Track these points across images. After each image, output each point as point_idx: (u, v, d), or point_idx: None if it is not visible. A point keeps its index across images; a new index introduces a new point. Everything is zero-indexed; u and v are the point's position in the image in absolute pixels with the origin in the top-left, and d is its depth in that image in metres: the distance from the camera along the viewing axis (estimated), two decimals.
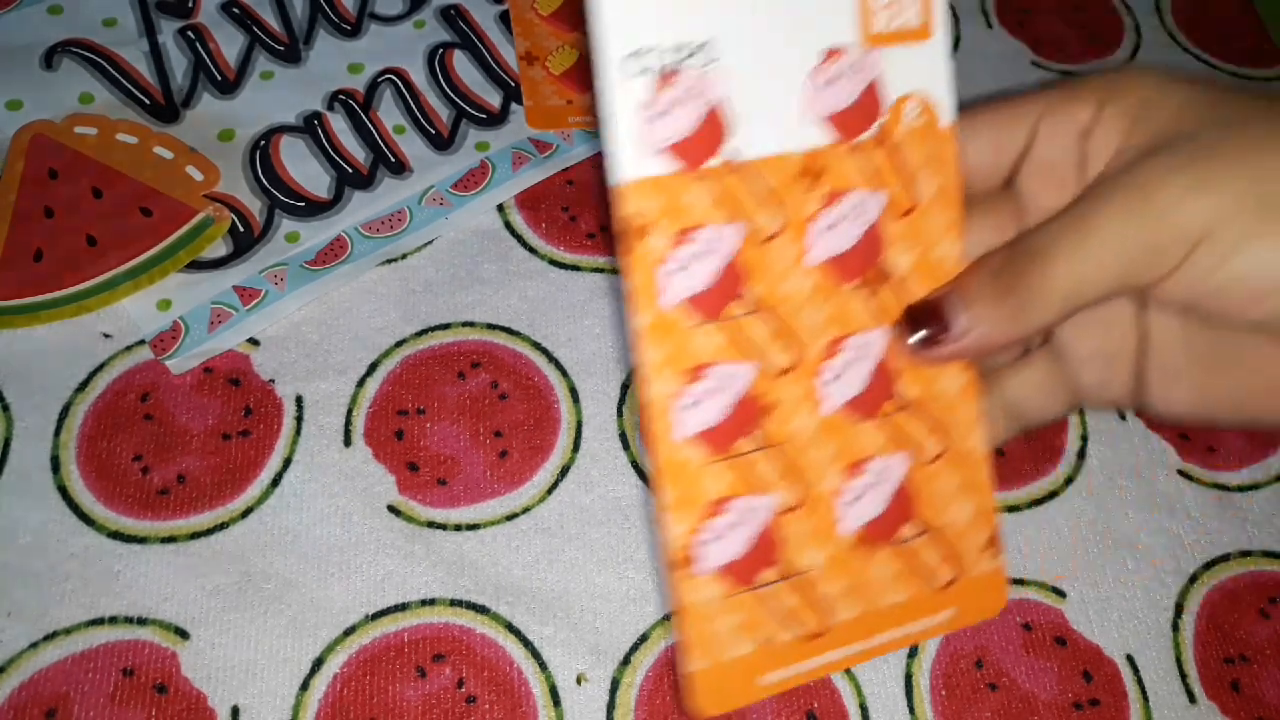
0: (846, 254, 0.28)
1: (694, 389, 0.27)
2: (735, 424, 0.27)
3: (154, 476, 0.37)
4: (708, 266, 0.26)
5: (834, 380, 0.28)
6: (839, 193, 0.27)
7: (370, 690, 0.34)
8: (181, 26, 0.46)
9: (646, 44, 0.25)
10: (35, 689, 0.33)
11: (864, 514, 0.28)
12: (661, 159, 0.26)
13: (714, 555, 0.27)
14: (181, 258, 0.40)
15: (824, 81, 0.27)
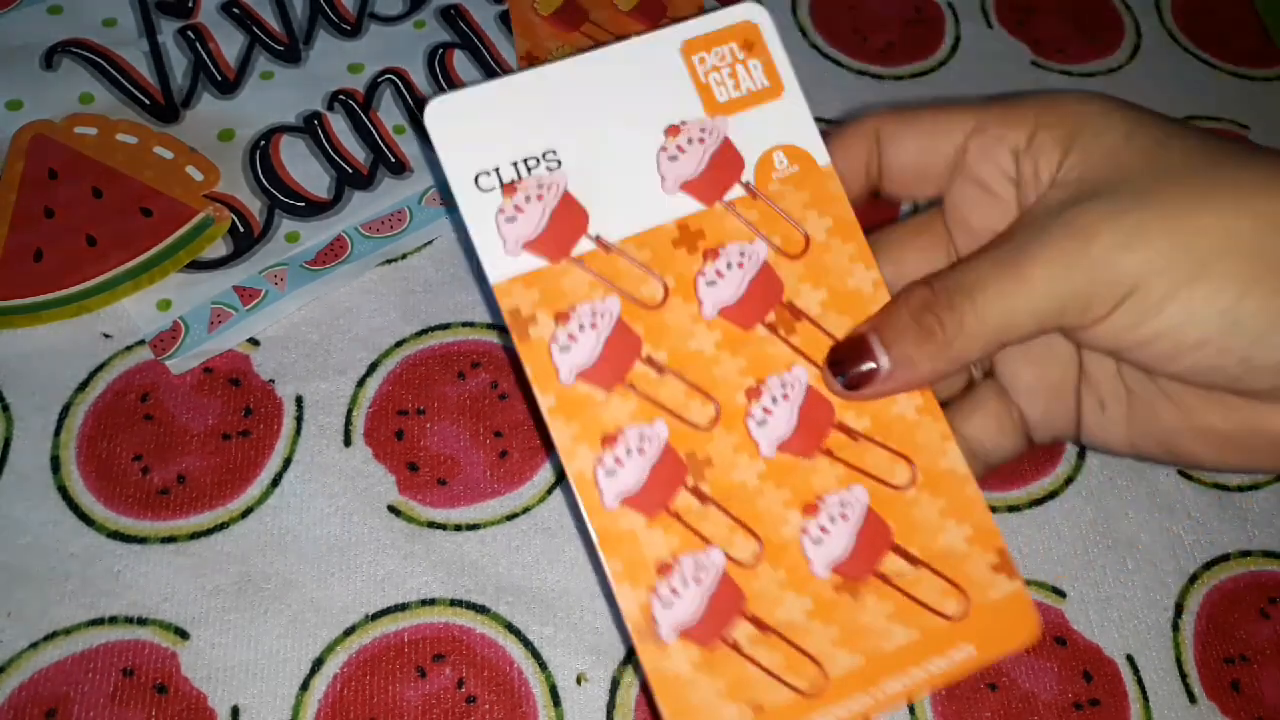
0: (740, 302, 0.29)
1: (610, 454, 0.27)
2: (664, 481, 0.27)
3: (154, 476, 0.37)
4: (593, 337, 0.28)
5: (764, 422, 0.28)
6: (717, 249, 0.29)
7: (370, 690, 0.34)
8: (181, 26, 0.46)
9: (488, 165, 0.28)
10: (35, 689, 0.33)
11: (834, 553, 0.28)
12: (527, 257, 0.28)
13: (672, 617, 0.27)
14: (181, 258, 0.40)
15: (671, 157, 0.29)
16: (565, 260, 0.28)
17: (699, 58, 0.29)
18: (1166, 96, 0.51)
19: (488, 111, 0.28)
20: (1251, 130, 0.50)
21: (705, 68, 0.29)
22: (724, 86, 0.29)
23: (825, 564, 0.28)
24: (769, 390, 0.28)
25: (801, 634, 0.27)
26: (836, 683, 0.27)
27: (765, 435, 0.28)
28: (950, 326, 0.26)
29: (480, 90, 0.28)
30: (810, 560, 0.28)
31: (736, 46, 0.29)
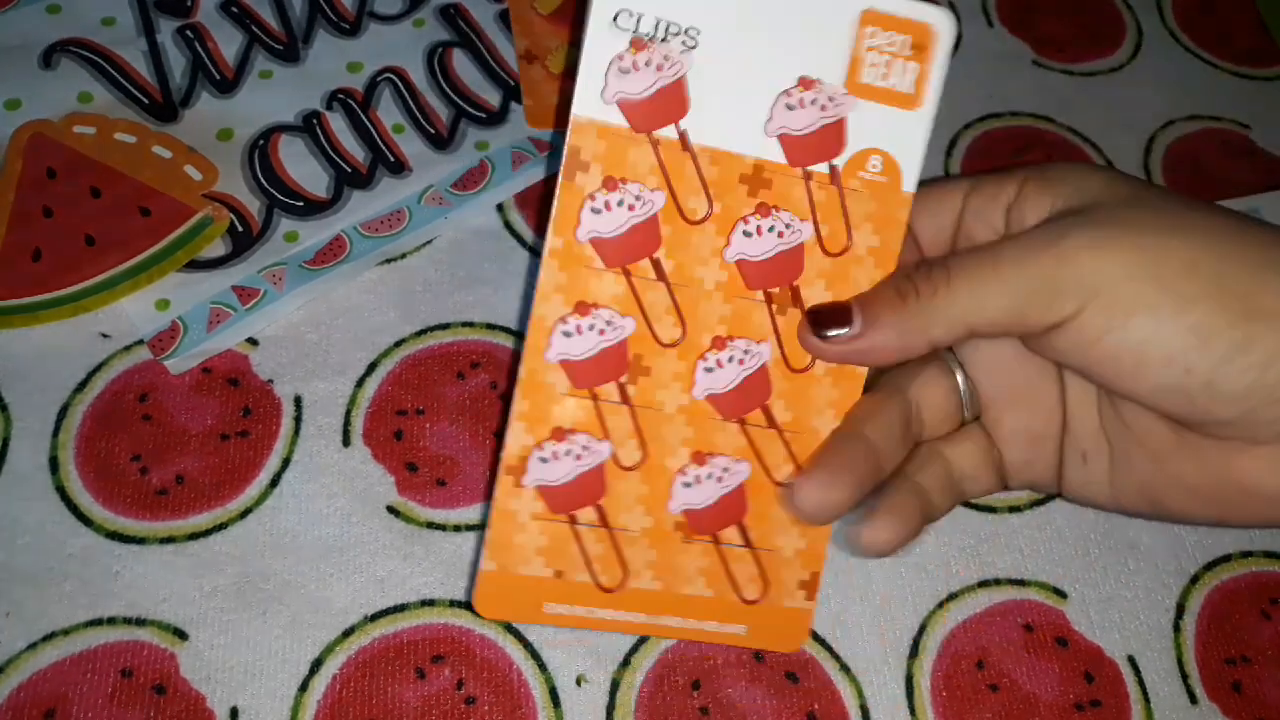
0: (759, 263, 0.29)
1: (577, 321, 0.29)
2: (604, 367, 0.29)
3: (153, 477, 0.37)
4: (625, 217, 0.29)
5: (710, 371, 0.30)
6: (771, 208, 0.29)
7: (369, 691, 0.34)
8: (180, 26, 0.46)
9: (636, 8, 0.27)
10: (34, 690, 0.33)
11: (693, 501, 0.30)
12: (615, 111, 0.28)
13: (542, 473, 0.29)
14: (180, 257, 0.40)
15: (789, 104, 0.29)
16: (644, 134, 0.28)
17: (870, 30, 0.29)
18: (1167, 96, 0.51)
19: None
20: (1252, 130, 0.50)
21: (870, 43, 0.29)
22: (875, 69, 0.29)
23: (681, 506, 0.30)
24: (732, 349, 0.29)
25: (628, 542, 0.30)
26: (630, 592, 0.30)
27: (705, 381, 0.30)
28: (924, 295, 0.28)
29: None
30: (672, 496, 0.30)
31: (909, 41, 0.29)
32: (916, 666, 0.36)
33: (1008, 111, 0.49)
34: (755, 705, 0.35)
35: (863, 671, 0.36)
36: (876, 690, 0.36)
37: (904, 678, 0.36)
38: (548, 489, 0.29)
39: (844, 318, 0.29)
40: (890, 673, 0.36)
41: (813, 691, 0.35)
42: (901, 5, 0.29)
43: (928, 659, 0.36)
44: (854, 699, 0.35)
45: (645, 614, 0.30)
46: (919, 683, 0.36)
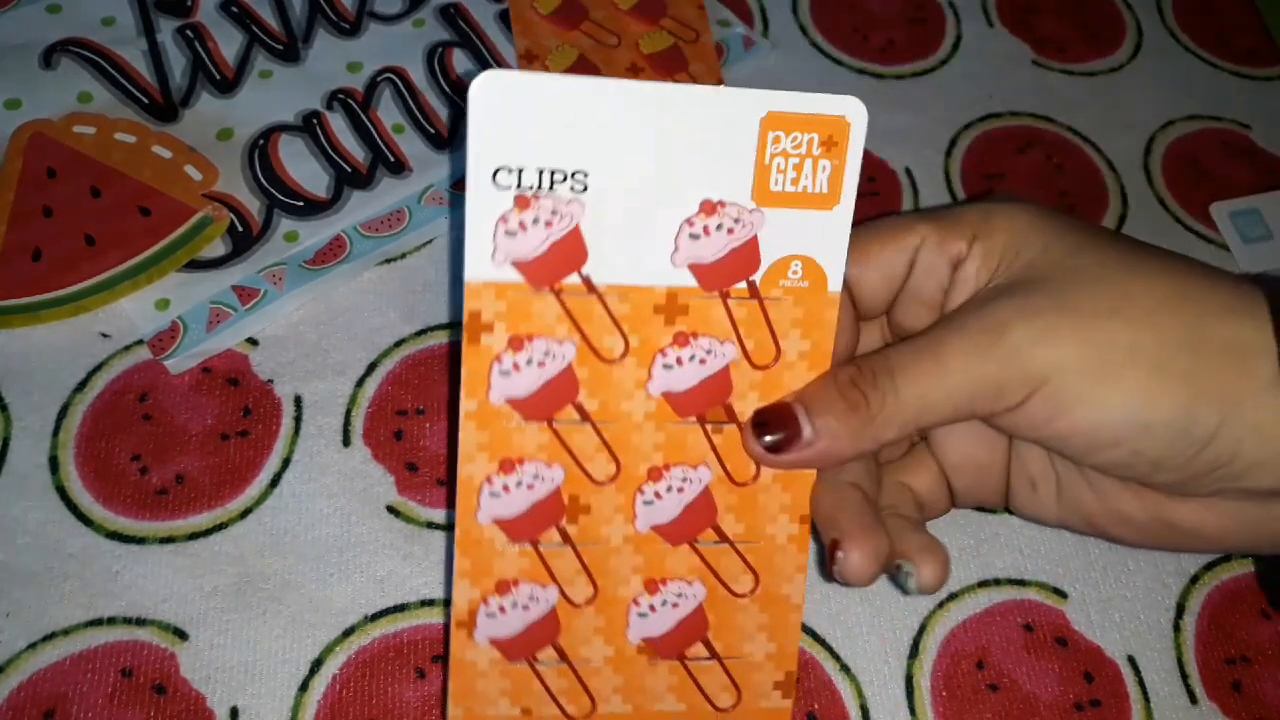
0: (686, 393, 0.29)
1: (503, 479, 0.28)
2: (539, 519, 0.29)
3: (152, 477, 0.37)
4: (536, 375, 0.28)
5: (650, 504, 0.29)
6: (690, 335, 0.28)
7: (369, 691, 0.34)
8: (180, 25, 0.46)
9: (513, 161, 0.26)
10: (34, 690, 0.33)
11: (651, 630, 0.30)
12: (510, 269, 0.27)
13: (492, 629, 0.29)
14: (180, 257, 0.40)
15: (693, 234, 0.27)
16: (542, 290, 0.27)
17: (775, 135, 0.27)
18: (1167, 96, 0.51)
19: (535, 104, 0.26)
20: (1252, 130, 0.50)
21: (776, 149, 0.27)
22: (784, 176, 0.27)
23: (639, 635, 0.30)
24: (670, 479, 0.29)
25: (592, 672, 0.30)
26: (600, 718, 0.30)
27: (647, 514, 0.29)
28: (874, 403, 0.28)
29: (536, 80, 0.26)
30: (629, 625, 0.30)
31: (818, 139, 0.27)
32: (916, 666, 0.36)
33: (1008, 111, 0.49)
34: None
35: (863, 671, 0.36)
36: (876, 690, 0.36)
37: (904, 678, 0.36)
38: (501, 641, 0.29)
39: (791, 428, 0.28)
40: (890, 673, 0.36)
41: (813, 691, 0.35)
42: (805, 101, 0.27)
43: (927, 659, 0.36)
44: (854, 699, 0.35)
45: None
46: (919, 683, 0.36)
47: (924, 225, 0.30)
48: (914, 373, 0.28)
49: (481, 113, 0.25)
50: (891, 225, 0.31)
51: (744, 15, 0.51)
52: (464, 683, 0.30)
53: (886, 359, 0.28)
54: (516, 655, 0.29)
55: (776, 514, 0.30)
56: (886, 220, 0.31)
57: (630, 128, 0.26)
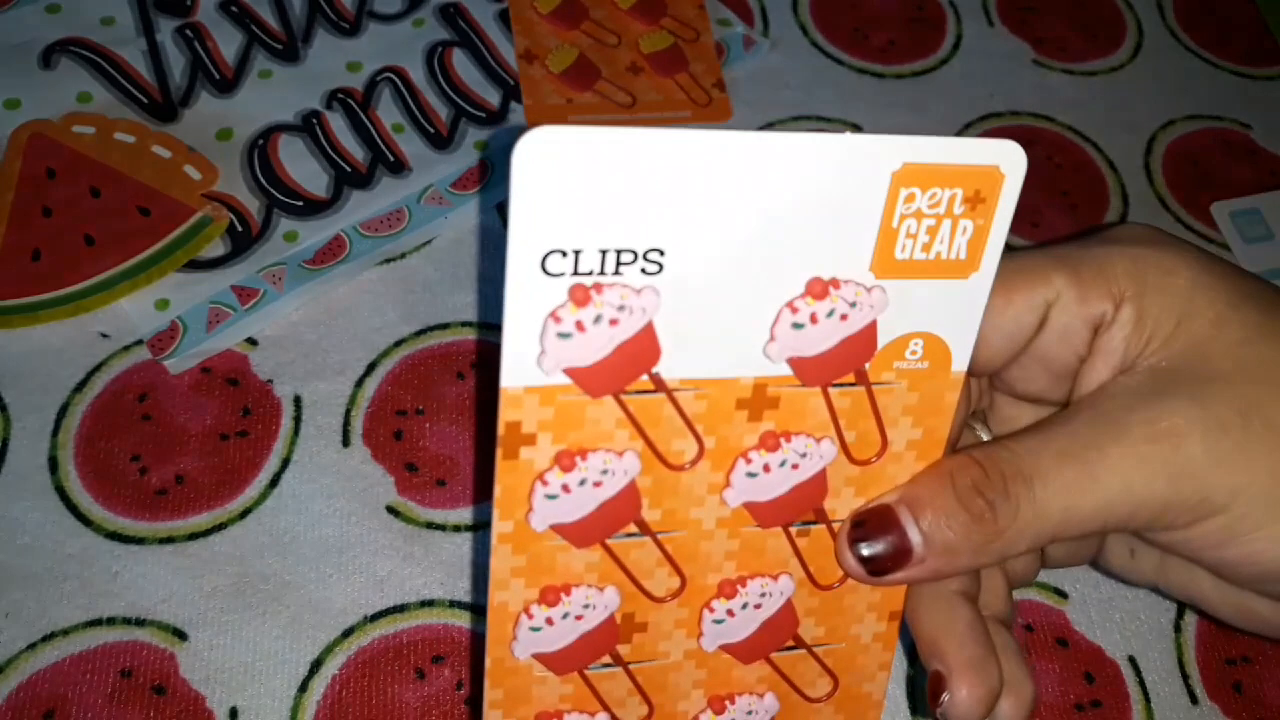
0: (773, 502, 0.24)
1: (546, 612, 0.24)
2: (588, 648, 0.24)
3: (152, 477, 0.37)
4: (590, 497, 0.23)
5: (721, 623, 0.25)
6: (780, 436, 0.23)
7: (369, 692, 0.34)
8: (180, 25, 0.46)
9: (567, 243, 0.20)
10: (33, 690, 0.33)
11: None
12: (563, 374, 0.21)
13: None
14: (179, 257, 0.40)
15: (797, 322, 0.22)
16: (602, 397, 0.22)
17: (908, 193, 0.21)
18: (1167, 96, 0.51)
19: (597, 166, 0.19)
20: (1253, 130, 0.50)
21: (907, 209, 0.21)
22: (913, 241, 0.21)
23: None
24: (746, 595, 0.25)
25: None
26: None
27: (716, 633, 0.25)
28: (1004, 516, 0.23)
29: (597, 136, 0.19)
30: None
31: (961, 196, 0.21)
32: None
33: (1008, 111, 0.49)
34: None
35: None
36: None
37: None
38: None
39: (896, 539, 0.24)
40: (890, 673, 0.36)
41: None
42: (950, 149, 0.21)
43: None
44: None
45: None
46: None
47: (1060, 276, 0.25)
48: (1058, 483, 0.23)
49: (528, 180, 0.19)
50: (1019, 273, 0.25)
51: (744, 15, 0.51)
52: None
53: (1018, 460, 0.23)
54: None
55: (863, 614, 0.26)
56: (1011, 263, 0.25)
57: (718, 191, 0.20)
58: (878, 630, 0.26)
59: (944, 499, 0.23)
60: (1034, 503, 0.23)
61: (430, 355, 0.40)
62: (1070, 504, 0.23)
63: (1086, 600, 0.38)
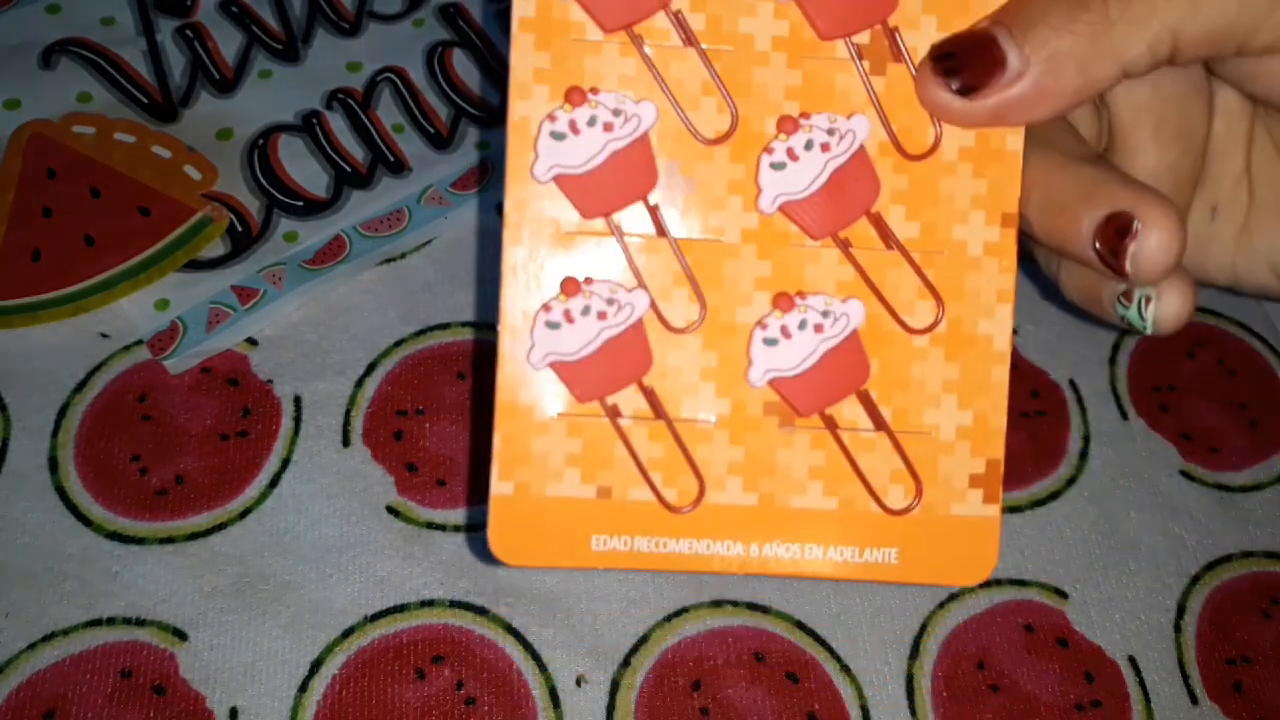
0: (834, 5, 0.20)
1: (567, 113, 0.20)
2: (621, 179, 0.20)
3: (152, 477, 0.37)
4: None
5: (780, 168, 0.21)
6: None
7: (369, 692, 0.34)
8: (180, 25, 0.46)
9: None
10: (33, 690, 0.33)
11: (782, 364, 0.21)
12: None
13: (552, 342, 0.20)
14: (179, 257, 0.40)
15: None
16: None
17: None
18: None
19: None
20: None
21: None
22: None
23: (766, 373, 0.21)
24: (811, 129, 0.20)
25: (698, 439, 0.21)
26: (711, 511, 0.21)
27: (774, 183, 0.21)
28: (1115, 4, 0.19)
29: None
30: (751, 361, 0.21)
31: None
32: (917, 667, 0.36)
33: None
34: (756, 706, 0.35)
35: (863, 672, 0.36)
36: (877, 691, 0.36)
37: (904, 678, 0.36)
38: (565, 367, 0.21)
39: (990, 54, 0.20)
40: (891, 673, 0.36)
41: (813, 692, 0.35)
42: None
43: (928, 659, 0.36)
44: (855, 700, 0.35)
45: (736, 540, 0.21)
46: (919, 683, 0.36)
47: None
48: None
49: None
50: None
51: None
52: (515, 443, 0.21)
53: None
54: (589, 390, 0.21)
55: (967, 210, 0.21)
56: None
57: None
58: (990, 239, 0.21)
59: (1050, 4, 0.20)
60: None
61: (430, 355, 0.40)
62: None
63: (1086, 600, 0.38)
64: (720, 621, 0.36)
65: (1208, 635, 0.37)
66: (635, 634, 0.36)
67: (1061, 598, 0.38)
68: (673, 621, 0.36)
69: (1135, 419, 0.42)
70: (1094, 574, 0.38)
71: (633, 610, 0.36)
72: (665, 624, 0.36)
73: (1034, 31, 0.19)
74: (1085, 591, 0.38)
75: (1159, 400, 0.42)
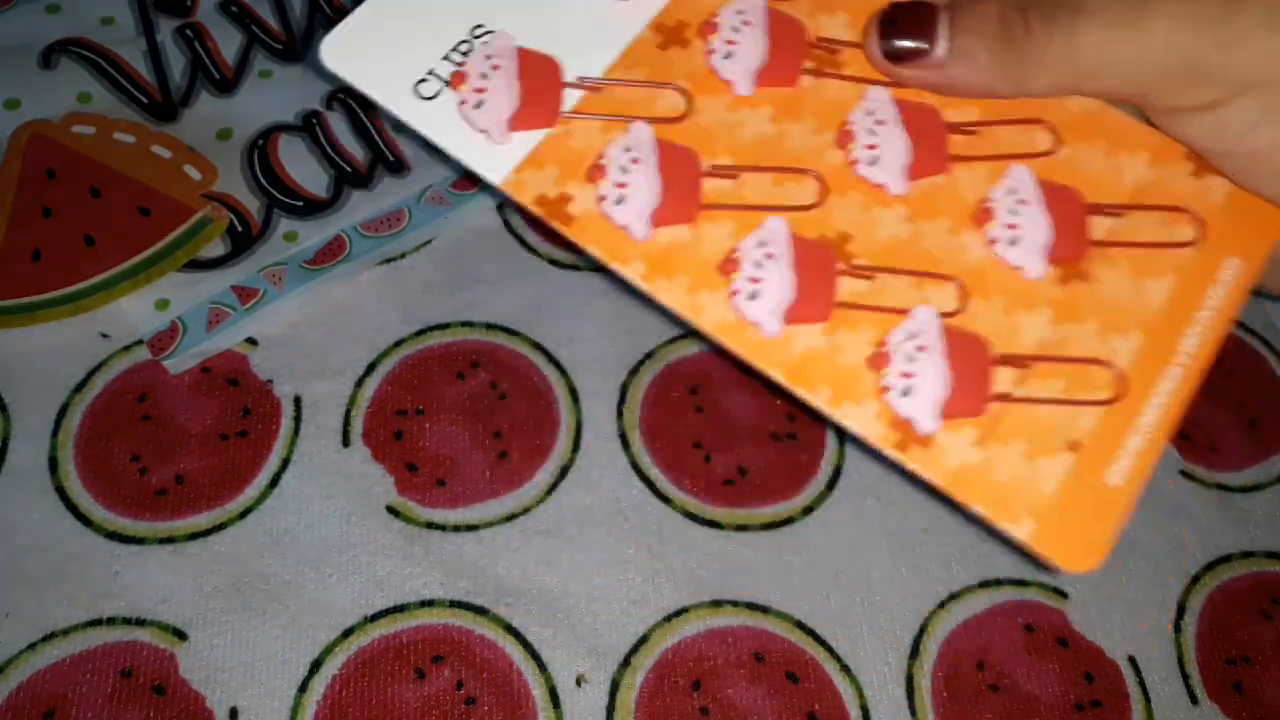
0: (769, 61, 0.25)
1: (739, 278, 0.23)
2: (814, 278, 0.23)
3: (152, 477, 0.37)
4: (647, 174, 0.23)
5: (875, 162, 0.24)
6: (708, 22, 0.25)
7: (369, 692, 0.34)
8: (180, 25, 0.46)
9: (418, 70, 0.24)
10: (33, 690, 0.33)
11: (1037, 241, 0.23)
12: (518, 139, 0.23)
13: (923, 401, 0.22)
14: (179, 257, 0.40)
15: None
16: (560, 121, 0.24)
17: None
18: None
19: (390, 22, 0.24)
20: None
21: None
22: None
23: (1035, 256, 0.23)
24: (858, 125, 0.24)
25: (1063, 345, 0.23)
26: (1134, 372, 0.22)
27: (885, 170, 0.23)
28: (1037, 39, 0.22)
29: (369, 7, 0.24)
30: (1019, 267, 0.23)
31: None
32: (917, 667, 0.36)
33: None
34: (756, 706, 0.35)
35: (863, 672, 0.36)
36: (877, 691, 0.36)
37: (905, 678, 0.36)
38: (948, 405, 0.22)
39: (925, 36, 0.23)
40: (891, 673, 0.36)
41: (813, 692, 0.35)
42: None
43: (928, 659, 0.36)
44: (855, 700, 0.35)
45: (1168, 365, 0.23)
46: (920, 683, 0.36)
47: None
48: (1103, 24, 0.22)
49: (352, 68, 0.24)
50: None
51: None
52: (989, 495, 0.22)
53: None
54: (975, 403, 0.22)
55: None
56: None
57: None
58: None
59: (984, 7, 0.22)
60: (1069, 42, 0.22)
61: (430, 355, 0.40)
62: (1107, 52, 0.22)
63: (1086, 600, 0.38)
64: (720, 621, 0.36)
65: (1208, 635, 0.37)
66: (635, 634, 0.36)
67: (1061, 598, 0.38)
68: (673, 621, 0.36)
69: None
70: (1094, 574, 0.38)
71: (633, 610, 0.36)
72: (665, 624, 0.36)
73: (963, 38, 0.22)
74: (1085, 591, 0.38)
75: None
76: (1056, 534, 0.21)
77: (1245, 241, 0.23)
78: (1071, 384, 0.22)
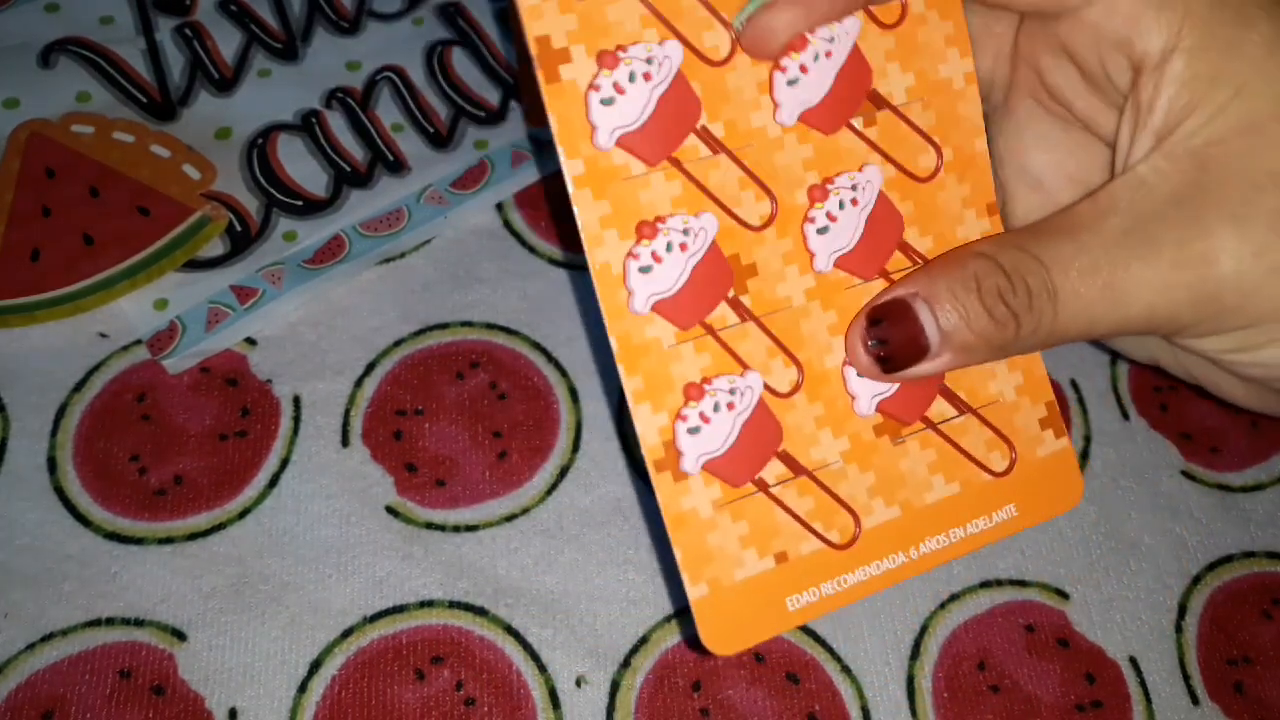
0: (824, 102, 0.24)
1: (646, 247, 0.23)
2: (704, 288, 0.23)
3: (151, 477, 0.37)
4: (645, 94, 0.22)
5: (825, 231, 0.24)
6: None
7: (368, 693, 0.34)
8: (179, 24, 0.45)
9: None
10: (32, 691, 0.33)
11: (884, 388, 0.24)
12: None
13: (699, 446, 0.23)
14: (178, 257, 0.40)
15: None
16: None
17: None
18: None
19: None
20: None
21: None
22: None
23: (870, 400, 0.24)
24: (837, 192, 0.24)
25: (836, 479, 0.24)
26: (870, 536, 0.24)
27: (824, 246, 0.24)
28: (1025, 326, 0.23)
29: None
30: (854, 396, 0.24)
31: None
32: (918, 667, 0.36)
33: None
34: (756, 707, 0.35)
35: (864, 673, 0.36)
36: (877, 691, 0.35)
37: (905, 679, 0.36)
38: (715, 463, 0.23)
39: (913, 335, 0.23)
40: (891, 674, 0.36)
41: (813, 693, 0.35)
42: None
43: (929, 660, 0.36)
44: (855, 700, 0.35)
45: (900, 551, 0.24)
46: (920, 684, 0.36)
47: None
48: (1083, 301, 0.22)
49: None
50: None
51: None
52: (696, 548, 0.23)
53: (1045, 273, 0.23)
54: (739, 475, 0.23)
55: (960, 209, 0.25)
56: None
57: None
58: (984, 229, 0.25)
59: (968, 301, 0.23)
60: (1056, 317, 0.23)
61: (430, 355, 0.40)
62: (1092, 320, 0.23)
63: (1087, 600, 0.38)
64: None
65: (1209, 635, 0.37)
66: (635, 634, 0.36)
67: (1062, 598, 0.38)
68: (673, 622, 0.36)
69: (1136, 419, 0.42)
70: (1095, 574, 0.38)
71: (633, 611, 0.36)
72: (665, 624, 0.36)
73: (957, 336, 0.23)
74: (1086, 592, 0.38)
75: (1160, 400, 0.42)
76: (716, 612, 0.23)
77: (1031, 499, 0.25)
78: (819, 510, 0.24)
